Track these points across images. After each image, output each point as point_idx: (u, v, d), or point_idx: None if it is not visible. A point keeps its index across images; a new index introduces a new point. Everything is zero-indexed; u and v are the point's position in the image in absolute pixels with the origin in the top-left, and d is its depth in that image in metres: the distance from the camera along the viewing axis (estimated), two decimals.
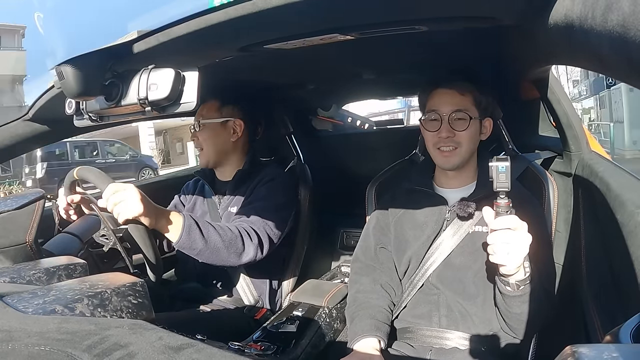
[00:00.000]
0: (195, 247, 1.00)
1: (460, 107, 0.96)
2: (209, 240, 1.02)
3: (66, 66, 0.68)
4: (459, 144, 0.96)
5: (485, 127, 1.01)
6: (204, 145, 1.29)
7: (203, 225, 1.02)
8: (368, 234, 1.12)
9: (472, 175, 1.03)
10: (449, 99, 0.97)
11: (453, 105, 0.96)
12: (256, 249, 1.11)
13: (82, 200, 1.11)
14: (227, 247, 1.05)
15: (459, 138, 0.96)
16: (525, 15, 0.60)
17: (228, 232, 1.06)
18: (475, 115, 0.97)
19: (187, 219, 0.99)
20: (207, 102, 1.30)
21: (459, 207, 0.96)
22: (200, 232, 1.00)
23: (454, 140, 0.96)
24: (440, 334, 0.95)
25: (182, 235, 0.98)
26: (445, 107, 0.96)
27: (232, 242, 1.06)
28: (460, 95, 0.97)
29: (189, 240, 0.98)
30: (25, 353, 0.38)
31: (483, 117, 0.99)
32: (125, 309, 0.55)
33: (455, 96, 0.97)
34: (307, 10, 0.60)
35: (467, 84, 0.97)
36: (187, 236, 0.98)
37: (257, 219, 1.16)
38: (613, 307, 0.76)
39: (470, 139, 0.97)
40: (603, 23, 0.33)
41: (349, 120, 2.60)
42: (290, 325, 1.16)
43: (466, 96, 0.97)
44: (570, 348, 0.28)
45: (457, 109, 0.96)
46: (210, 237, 1.02)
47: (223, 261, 1.07)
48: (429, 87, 1.01)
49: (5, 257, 0.91)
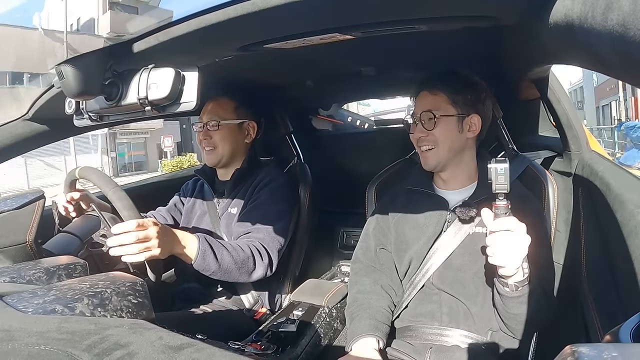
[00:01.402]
0: (208, 269, 1.03)
1: (429, 107, 0.98)
2: (222, 262, 1.05)
3: (66, 66, 0.68)
4: (436, 143, 0.98)
5: (473, 124, 0.99)
6: (219, 144, 1.28)
7: (217, 248, 1.05)
8: (368, 235, 1.12)
9: (472, 176, 1.03)
10: (422, 100, 1.00)
11: (425, 105, 0.99)
12: (266, 268, 1.14)
13: (82, 197, 1.11)
14: (239, 268, 1.09)
15: (433, 137, 0.98)
16: (525, 15, 0.60)
17: (240, 252, 1.09)
18: (451, 113, 0.97)
19: (201, 243, 1.02)
20: (221, 101, 1.30)
21: (460, 211, 0.96)
22: (214, 256, 1.03)
23: (428, 139, 0.98)
24: (442, 332, 0.95)
25: (197, 259, 1.01)
26: (418, 108, 1.00)
27: (244, 263, 1.09)
28: (432, 95, 0.99)
29: (203, 264, 1.02)
30: (25, 353, 0.38)
31: (464, 114, 0.98)
32: (125, 309, 0.55)
33: (427, 97, 1.00)
34: (307, 10, 0.60)
35: (439, 84, 0.99)
36: (201, 260, 1.01)
37: (265, 231, 1.17)
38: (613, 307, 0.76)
39: (446, 137, 0.97)
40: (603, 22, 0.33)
41: (349, 120, 2.60)
42: (290, 325, 1.16)
43: (438, 95, 0.98)
44: (570, 348, 0.28)
45: (427, 109, 0.98)
46: (224, 259, 1.05)
47: (234, 279, 1.11)
48: (414, 92, 1.04)
49: (5, 257, 0.91)
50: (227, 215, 1.27)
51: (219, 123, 1.26)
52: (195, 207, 1.36)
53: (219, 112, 1.28)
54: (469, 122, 0.99)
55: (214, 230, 1.28)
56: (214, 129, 1.27)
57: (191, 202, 1.38)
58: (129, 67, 0.74)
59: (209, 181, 1.35)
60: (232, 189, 1.30)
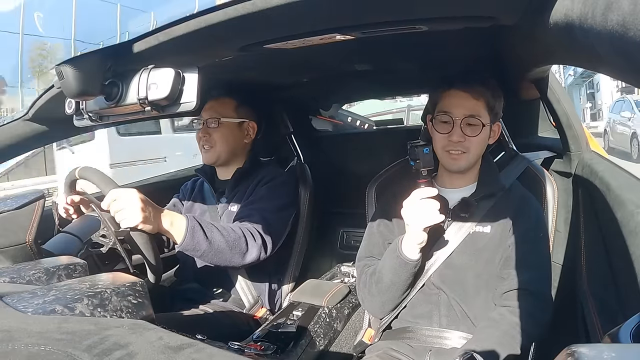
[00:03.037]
0: (199, 248, 1.00)
1: (473, 112, 0.93)
2: (213, 241, 1.02)
3: (66, 66, 0.68)
4: (468, 149, 0.95)
5: (493, 132, 0.99)
6: (217, 142, 1.27)
7: (206, 226, 1.02)
8: (373, 233, 1.10)
9: (473, 176, 1.03)
10: (463, 103, 0.94)
11: (467, 109, 0.93)
12: (259, 249, 1.11)
13: (82, 200, 1.11)
14: (230, 248, 1.05)
15: (469, 143, 0.94)
16: (525, 15, 0.60)
17: (231, 232, 1.06)
18: (487, 121, 0.95)
19: (190, 220, 0.99)
20: (222, 99, 1.30)
21: (459, 207, 0.96)
22: (204, 234, 1.00)
23: (463, 145, 0.94)
24: (440, 334, 0.95)
25: (186, 237, 0.98)
26: (459, 110, 0.94)
27: (235, 242, 1.06)
28: (475, 100, 0.94)
29: (192, 242, 0.99)
30: (25, 353, 0.38)
31: (493, 122, 0.98)
32: (125, 309, 0.55)
33: (469, 100, 0.94)
34: (307, 10, 0.60)
35: (482, 88, 0.94)
36: (190, 238, 0.98)
37: (259, 219, 1.16)
38: (613, 307, 0.76)
39: (480, 145, 0.96)
40: (603, 23, 0.33)
41: (349, 120, 2.60)
42: (290, 325, 1.16)
43: (480, 101, 0.94)
44: (570, 348, 0.28)
45: (470, 114, 0.93)
46: (214, 238, 1.02)
47: (227, 262, 1.07)
48: (443, 86, 0.98)
49: (5, 257, 0.90)
50: (228, 213, 1.27)
51: (219, 121, 1.26)
52: (194, 205, 1.36)
53: (220, 110, 1.28)
54: (493, 129, 0.99)
55: None
56: (213, 126, 1.26)
57: (191, 201, 1.38)
58: (128, 68, 0.74)
59: (209, 180, 1.35)
60: (232, 188, 1.30)
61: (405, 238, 0.92)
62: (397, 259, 0.92)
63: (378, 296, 0.98)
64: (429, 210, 0.87)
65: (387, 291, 0.96)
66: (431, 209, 0.87)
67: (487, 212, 0.97)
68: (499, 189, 0.99)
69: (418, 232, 0.88)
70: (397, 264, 0.93)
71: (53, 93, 0.94)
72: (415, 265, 0.93)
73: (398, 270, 0.93)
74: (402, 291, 0.96)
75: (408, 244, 0.91)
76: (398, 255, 0.92)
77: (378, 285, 0.97)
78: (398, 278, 0.94)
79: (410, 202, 0.89)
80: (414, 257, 0.91)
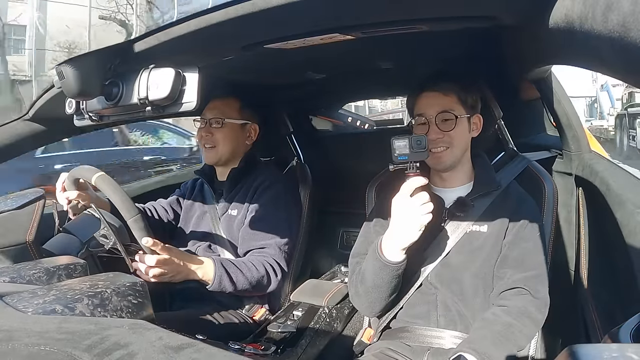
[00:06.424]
0: (225, 290, 1.12)
1: (445, 107, 0.97)
2: (238, 284, 1.12)
3: (66, 66, 0.68)
4: (450, 144, 0.97)
5: (475, 124, 1.01)
6: (219, 142, 1.27)
7: (233, 272, 1.11)
8: (369, 231, 1.10)
9: (468, 175, 1.03)
10: (435, 101, 0.98)
11: (439, 106, 0.97)
12: (278, 282, 1.21)
13: (82, 197, 1.11)
14: (253, 287, 1.16)
15: (449, 138, 0.97)
16: (526, 15, 0.60)
17: (255, 272, 1.15)
18: (462, 113, 0.98)
19: (218, 268, 1.09)
20: (227, 100, 1.30)
21: (455, 206, 0.97)
22: (230, 279, 1.11)
23: (444, 140, 0.97)
24: (438, 334, 0.95)
25: (214, 284, 1.09)
26: (431, 109, 0.97)
27: (259, 282, 1.16)
28: (445, 96, 0.97)
29: (219, 287, 1.10)
30: (25, 353, 0.38)
31: (471, 114, 1.00)
32: (125, 309, 0.55)
33: (439, 97, 0.98)
34: (307, 10, 0.60)
35: (450, 84, 0.98)
36: (218, 284, 1.09)
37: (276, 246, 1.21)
38: (613, 307, 0.76)
39: (461, 138, 0.98)
40: (603, 23, 0.33)
41: (349, 120, 2.60)
42: (290, 325, 1.16)
43: (449, 96, 0.98)
44: (570, 348, 0.28)
45: (443, 110, 0.97)
46: (239, 281, 1.12)
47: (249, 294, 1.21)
48: (415, 91, 1.02)
49: (5, 257, 0.91)
50: (227, 216, 1.27)
51: (222, 121, 1.26)
52: (194, 206, 1.36)
53: (224, 110, 1.28)
54: (473, 121, 1.00)
55: (214, 231, 1.28)
56: (217, 126, 1.26)
57: (190, 202, 1.38)
58: (129, 67, 0.74)
59: (209, 181, 1.35)
60: (229, 189, 1.30)
61: (387, 238, 0.89)
62: (377, 261, 0.90)
63: (364, 296, 0.97)
64: (420, 207, 0.84)
65: (371, 292, 0.94)
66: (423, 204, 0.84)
67: (483, 211, 0.98)
68: (495, 187, 0.99)
69: (407, 232, 0.85)
70: (377, 266, 0.90)
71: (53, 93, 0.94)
72: (398, 268, 0.89)
73: (379, 272, 0.91)
74: (388, 293, 0.93)
75: (390, 244, 0.88)
76: (377, 257, 0.90)
77: (362, 285, 0.96)
78: (380, 280, 0.91)
79: (400, 197, 0.86)
80: (395, 259, 0.88)
